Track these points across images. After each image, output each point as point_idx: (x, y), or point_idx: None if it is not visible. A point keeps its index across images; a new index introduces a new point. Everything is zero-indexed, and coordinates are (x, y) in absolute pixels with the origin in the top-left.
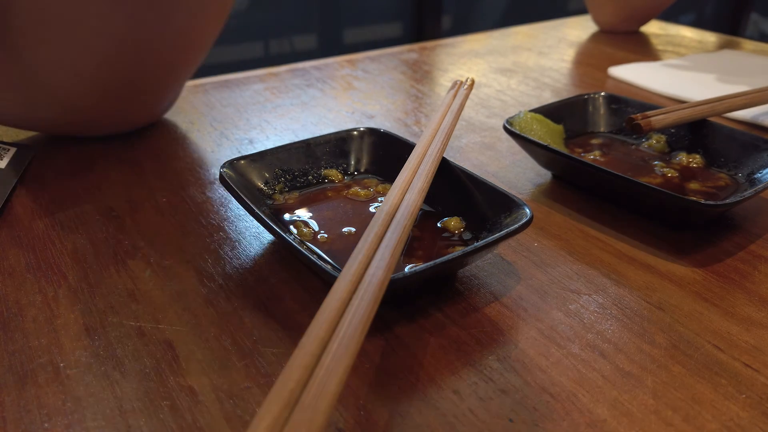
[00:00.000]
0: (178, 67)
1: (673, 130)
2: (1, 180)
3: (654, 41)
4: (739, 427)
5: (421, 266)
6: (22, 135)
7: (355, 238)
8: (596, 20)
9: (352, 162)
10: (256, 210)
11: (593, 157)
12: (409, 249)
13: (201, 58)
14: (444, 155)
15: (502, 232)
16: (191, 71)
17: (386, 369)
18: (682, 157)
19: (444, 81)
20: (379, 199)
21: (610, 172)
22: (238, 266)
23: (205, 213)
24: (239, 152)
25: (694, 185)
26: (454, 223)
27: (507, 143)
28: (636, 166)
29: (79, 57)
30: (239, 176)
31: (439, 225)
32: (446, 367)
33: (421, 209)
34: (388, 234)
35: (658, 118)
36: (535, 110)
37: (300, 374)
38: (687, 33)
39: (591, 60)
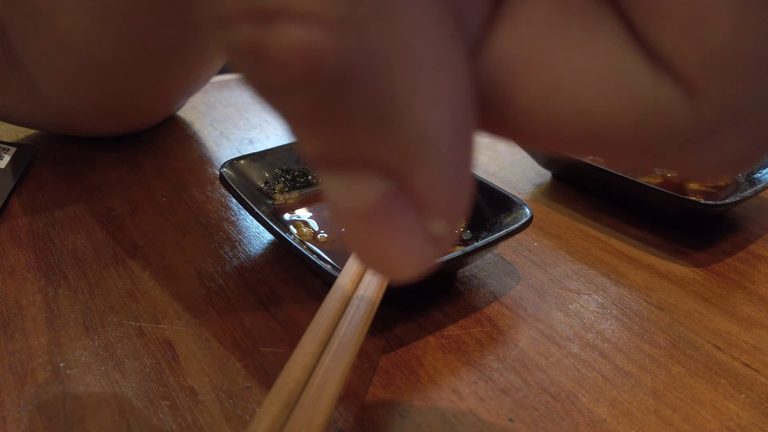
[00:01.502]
0: (175, 90)
1: None
2: (0, 180)
3: None
4: (739, 427)
5: None
6: (22, 135)
7: None
8: None
9: None
10: (256, 210)
11: (593, 156)
12: None
13: (205, 79)
14: None
15: (502, 232)
16: (193, 90)
17: (386, 369)
18: None
19: None
20: None
21: (610, 172)
22: (238, 266)
23: (205, 213)
24: (239, 152)
25: (693, 185)
26: None
27: (507, 143)
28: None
29: (72, 77)
30: (239, 176)
31: None
32: (446, 367)
33: None
34: None
35: None
36: None
37: (300, 374)
38: None
39: None
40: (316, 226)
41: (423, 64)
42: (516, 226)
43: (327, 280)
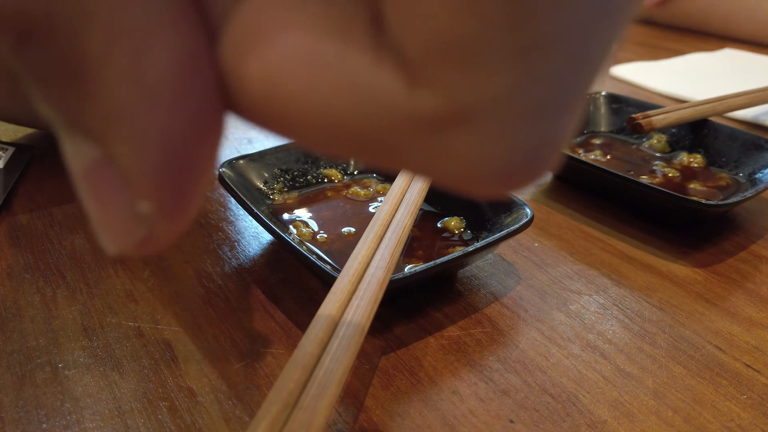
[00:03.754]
0: None
1: (674, 130)
2: None
3: (655, 40)
4: (740, 428)
5: (421, 266)
6: (21, 134)
7: (355, 238)
8: None
9: (352, 161)
10: (255, 210)
11: (594, 156)
12: (409, 249)
13: None
14: None
15: (503, 232)
16: None
17: (386, 369)
18: (683, 157)
19: None
20: (379, 198)
21: (611, 172)
22: (237, 266)
23: (204, 213)
24: (238, 152)
25: (695, 185)
26: (454, 223)
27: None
28: (637, 165)
29: None
30: (238, 176)
31: (439, 225)
32: (446, 368)
33: (421, 209)
34: (388, 234)
35: (659, 118)
36: None
37: (299, 375)
38: (688, 32)
39: None
40: (315, 227)
41: (120, 36)
42: (516, 226)
43: (326, 281)
